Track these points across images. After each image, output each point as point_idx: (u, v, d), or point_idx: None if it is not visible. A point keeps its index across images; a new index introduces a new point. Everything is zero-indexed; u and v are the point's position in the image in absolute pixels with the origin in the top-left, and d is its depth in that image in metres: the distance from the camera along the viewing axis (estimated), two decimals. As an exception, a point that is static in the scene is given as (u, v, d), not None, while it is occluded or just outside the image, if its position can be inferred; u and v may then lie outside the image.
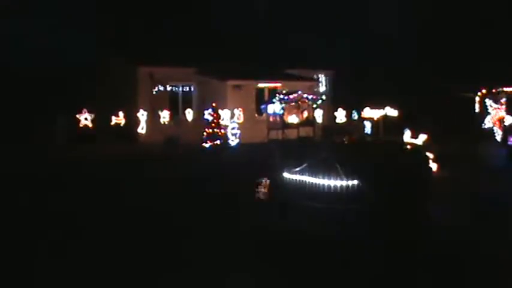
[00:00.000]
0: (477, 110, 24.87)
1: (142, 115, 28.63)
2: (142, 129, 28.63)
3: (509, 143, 22.58)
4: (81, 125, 26.61)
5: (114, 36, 34.98)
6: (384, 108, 29.21)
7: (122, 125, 27.82)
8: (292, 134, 29.55)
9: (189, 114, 30.82)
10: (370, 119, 30.18)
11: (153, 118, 29.19)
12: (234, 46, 35.54)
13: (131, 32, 35.65)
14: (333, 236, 10.15)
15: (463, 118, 26.14)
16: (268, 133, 29.64)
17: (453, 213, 12.88)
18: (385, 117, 29.25)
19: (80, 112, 26.62)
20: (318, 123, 31.88)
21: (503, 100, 22.94)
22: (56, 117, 28.85)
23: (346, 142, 10.09)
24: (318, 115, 31.93)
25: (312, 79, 36.08)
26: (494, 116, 23.17)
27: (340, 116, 32.33)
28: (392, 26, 39.81)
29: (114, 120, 27.69)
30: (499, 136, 23.11)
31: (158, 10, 38.06)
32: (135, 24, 36.29)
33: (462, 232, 11.58)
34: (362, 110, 30.45)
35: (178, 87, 33.39)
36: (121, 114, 27.75)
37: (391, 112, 29.09)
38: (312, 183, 10.09)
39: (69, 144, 27.74)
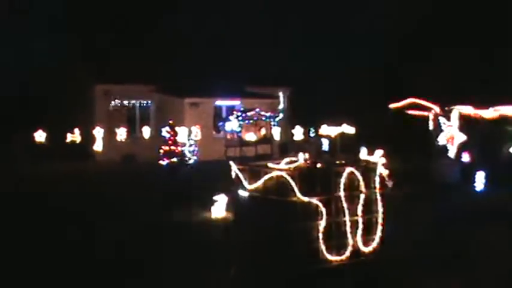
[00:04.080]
0: (431, 127, 25.26)
1: (98, 132, 28.31)
2: (98, 146, 28.29)
3: (462, 159, 23.00)
4: (36, 143, 26.16)
5: (71, 53, 34.57)
6: (341, 126, 29.45)
7: (77, 142, 27.43)
8: (249, 151, 29.57)
9: (146, 131, 30.61)
10: (328, 136, 30.38)
11: (109, 135, 28.90)
12: (191, 63, 35.46)
13: (88, 48, 35.28)
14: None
15: (418, 135, 26.52)
16: (225, 151, 29.61)
17: (407, 229, 13.07)
18: (342, 134, 29.48)
19: (35, 130, 26.19)
20: (276, 140, 31.98)
21: (456, 118, 23.32)
22: (11, 135, 28.34)
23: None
24: (276, 132, 32.03)
25: (270, 96, 36.20)
26: (448, 133, 23.56)
27: (298, 133, 32.47)
28: (349, 44, 40.30)
29: (69, 137, 27.30)
30: (452, 153, 23.48)
31: (116, 27, 37.79)
32: (92, 41, 35.94)
33: (415, 246, 11.80)
34: (319, 127, 30.64)
35: (136, 104, 33.17)
36: (77, 131, 27.39)
37: (348, 129, 29.35)
38: (266, 201, 10.07)
39: (22, 162, 27.16)
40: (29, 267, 11.06)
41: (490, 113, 23.29)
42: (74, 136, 27.41)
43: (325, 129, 30.08)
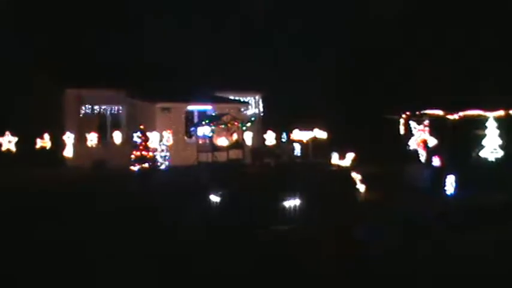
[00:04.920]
0: (402, 131, 25.43)
1: (68, 138, 28.00)
2: (68, 152, 27.97)
3: (432, 164, 23.18)
4: (3, 149, 25.76)
5: (41, 57, 34.15)
6: (312, 130, 29.55)
7: (47, 148, 27.09)
8: (221, 156, 29.49)
9: (118, 136, 30.35)
10: (300, 141, 30.44)
11: (80, 141, 28.59)
12: (163, 68, 35.29)
13: (58, 53, 34.89)
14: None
15: (389, 140, 26.69)
16: (197, 156, 29.49)
17: (377, 232, 13.10)
18: (314, 139, 29.58)
19: (3, 135, 25.79)
20: (248, 145, 31.94)
21: (426, 122, 23.52)
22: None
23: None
24: (248, 137, 31.98)
25: (241, 101, 36.20)
26: (418, 137, 23.73)
27: (270, 138, 32.44)
28: (320, 48, 40.48)
29: (39, 143, 26.95)
30: (423, 157, 23.65)
31: (86, 32, 37.47)
32: (63, 45, 35.57)
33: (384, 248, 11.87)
34: (291, 132, 30.69)
35: (107, 110, 32.89)
36: (46, 136, 27.05)
37: (320, 134, 29.46)
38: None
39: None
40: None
41: (460, 117, 23.51)
42: (44, 142, 27.08)
43: (297, 134, 30.15)
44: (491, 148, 22.10)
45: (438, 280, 10.17)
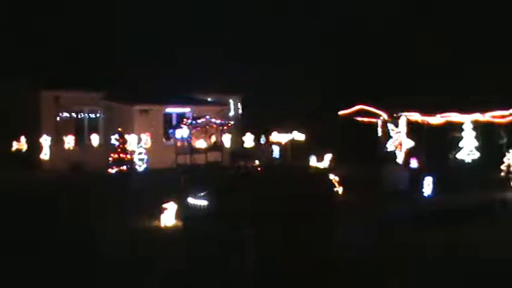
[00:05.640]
0: (380, 134, 25.57)
1: (45, 140, 27.76)
2: (45, 155, 27.72)
3: (410, 166, 23.33)
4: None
5: (16, 59, 33.84)
6: (291, 133, 29.61)
7: (23, 151, 26.83)
8: (200, 158, 29.39)
9: (95, 139, 30.15)
10: (278, 143, 30.48)
11: (57, 143, 28.34)
12: (141, 70, 35.13)
13: (35, 55, 34.59)
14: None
15: (367, 142, 26.83)
16: (176, 158, 29.37)
17: (355, 234, 13.15)
18: (293, 141, 29.64)
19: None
20: (226, 147, 31.88)
21: (403, 124, 23.65)
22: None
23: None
24: (226, 140, 31.93)
25: (220, 104, 36.13)
26: (396, 139, 23.88)
27: (248, 140, 32.43)
28: (299, 51, 40.59)
29: (15, 145, 26.68)
30: (400, 159, 23.80)
31: (64, 34, 37.21)
32: (39, 47, 35.29)
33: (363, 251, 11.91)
34: (270, 135, 30.72)
35: (84, 112, 32.62)
36: (23, 139, 26.79)
37: (299, 136, 29.52)
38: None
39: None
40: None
41: (437, 120, 23.69)
42: (20, 144, 26.83)
43: (276, 136, 30.19)
44: (467, 150, 22.30)
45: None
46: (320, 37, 40.93)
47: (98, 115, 32.91)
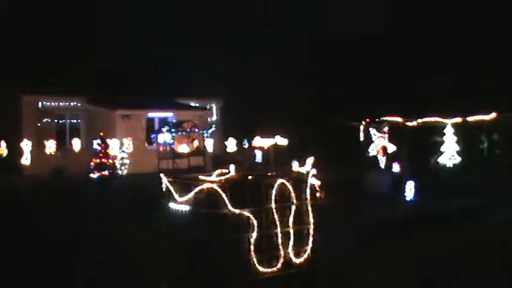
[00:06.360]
0: (362, 138, 25.60)
1: (26, 145, 27.54)
2: (26, 160, 27.50)
3: (392, 170, 23.37)
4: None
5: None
6: (274, 137, 29.57)
7: (3, 155, 26.59)
8: (183, 163, 29.31)
9: (77, 144, 29.95)
10: (261, 148, 30.44)
11: (38, 148, 28.12)
12: (123, 75, 35.01)
13: (16, 60, 34.33)
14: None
15: (349, 146, 26.86)
16: (158, 163, 29.24)
17: (337, 239, 13.15)
18: (276, 146, 29.60)
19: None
20: (209, 152, 31.84)
21: (385, 129, 23.71)
22: None
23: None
24: (209, 144, 31.89)
25: (202, 108, 36.09)
26: (378, 144, 23.92)
27: (231, 145, 32.41)
28: (283, 55, 40.66)
29: (-5, 150, 26.46)
30: (383, 164, 23.83)
31: (45, 38, 36.96)
32: (20, 50, 35.02)
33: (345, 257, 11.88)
34: (252, 139, 30.69)
35: (66, 116, 32.42)
36: (3, 144, 26.57)
37: (281, 141, 29.49)
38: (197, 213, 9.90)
39: None
40: None
41: (418, 124, 23.76)
42: (0, 149, 26.60)
43: (259, 141, 30.15)
44: (449, 154, 22.39)
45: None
46: (303, 41, 41.02)
47: (79, 120, 32.71)
